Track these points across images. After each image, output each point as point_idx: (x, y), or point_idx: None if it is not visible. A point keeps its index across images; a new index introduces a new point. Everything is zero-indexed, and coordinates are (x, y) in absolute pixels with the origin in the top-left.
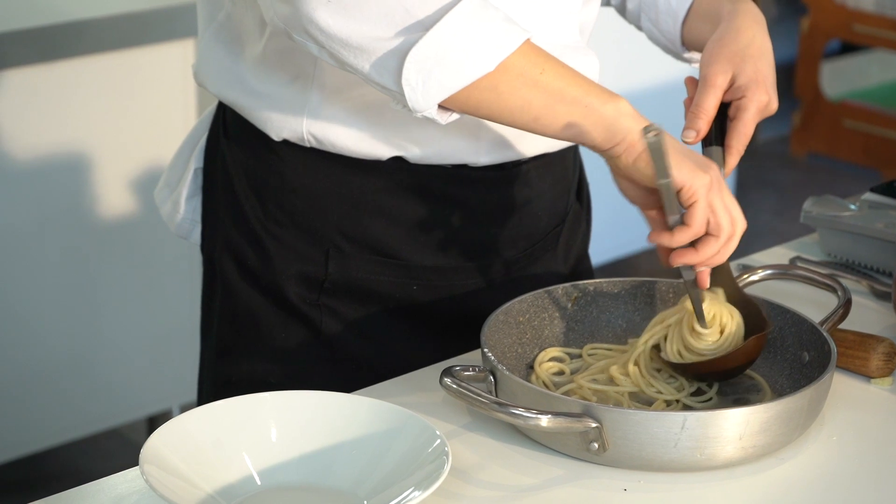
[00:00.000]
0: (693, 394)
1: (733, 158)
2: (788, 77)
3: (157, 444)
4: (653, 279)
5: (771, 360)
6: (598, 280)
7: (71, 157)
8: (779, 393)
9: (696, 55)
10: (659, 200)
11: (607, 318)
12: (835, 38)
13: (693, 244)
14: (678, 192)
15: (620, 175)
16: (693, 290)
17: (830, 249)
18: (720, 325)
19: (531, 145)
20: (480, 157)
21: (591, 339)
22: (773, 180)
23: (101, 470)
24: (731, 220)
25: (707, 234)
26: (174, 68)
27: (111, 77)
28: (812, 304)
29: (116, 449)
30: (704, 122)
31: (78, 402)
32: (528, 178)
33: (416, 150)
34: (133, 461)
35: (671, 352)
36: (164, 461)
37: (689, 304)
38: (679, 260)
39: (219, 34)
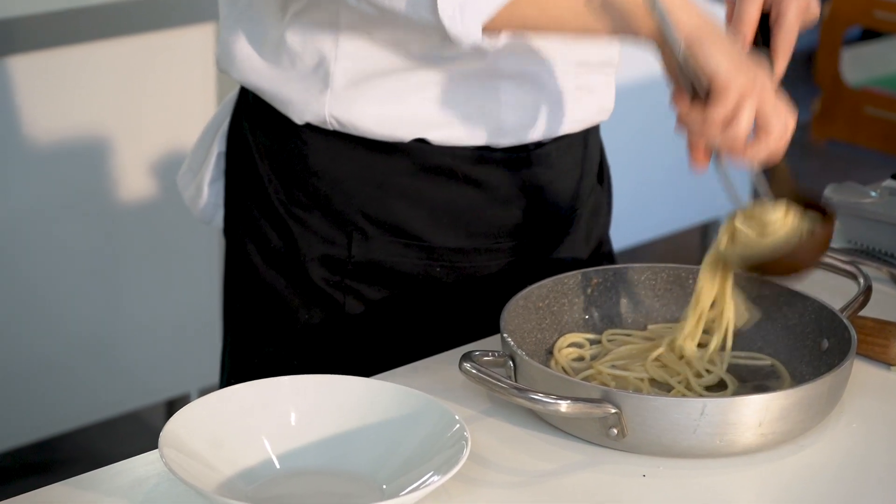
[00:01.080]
0: (714, 387)
1: (781, 61)
2: (809, 64)
3: (177, 427)
4: (674, 265)
5: (791, 346)
6: (618, 265)
7: (91, 141)
8: (798, 380)
9: None
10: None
11: (627, 303)
12: (855, 25)
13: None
14: (709, 84)
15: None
16: (756, 172)
17: (851, 236)
18: (784, 218)
19: (553, 126)
20: (502, 138)
21: (610, 325)
22: (792, 167)
23: (119, 453)
24: (783, 123)
25: (760, 130)
26: (194, 52)
27: (131, 61)
28: (832, 291)
29: (135, 432)
30: (749, 29)
31: (97, 385)
32: (550, 159)
33: (438, 132)
34: (151, 445)
35: (739, 250)
36: (183, 444)
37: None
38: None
39: (241, 20)
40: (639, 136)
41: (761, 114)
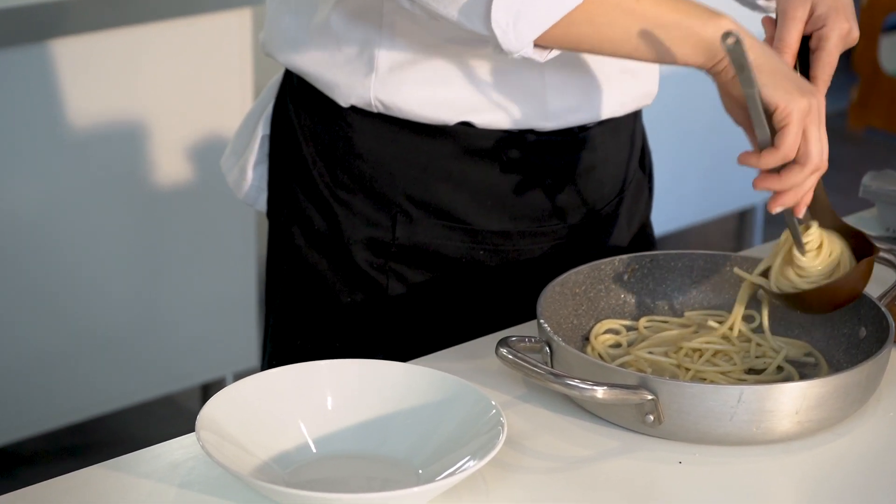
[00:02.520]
0: (751, 371)
1: (821, 88)
2: (847, 51)
3: (214, 410)
4: (711, 252)
5: (828, 334)
6: (655, 252)
7: (129, 124)
8: (836, 368)
9: (771, 3)
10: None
11: (664, 290)
12: (894, 13)
13: (778, 170)
14: (772, 113)
15: (724, 92)
16: (789, 217)
17: (889, 224)
18: (828, 252)
19: (597, 110)
20: (546, 121)
21: (647, 312)
22: (830, 155)
23: (154, 436)
24: (820, 151)
25: (794, 161)
26: (232, 37)
27: (169, 45)
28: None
29: (170, 416)
30: (790, 57)
31: (132, 368)
32: (594, 143)
33: (483, 115)
34: (186, 428)
35: (779, 283)
36: (220, 428)
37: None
38: (761, 184)
39: (286, 3)
40: (677, 122)
41: (804, 142)
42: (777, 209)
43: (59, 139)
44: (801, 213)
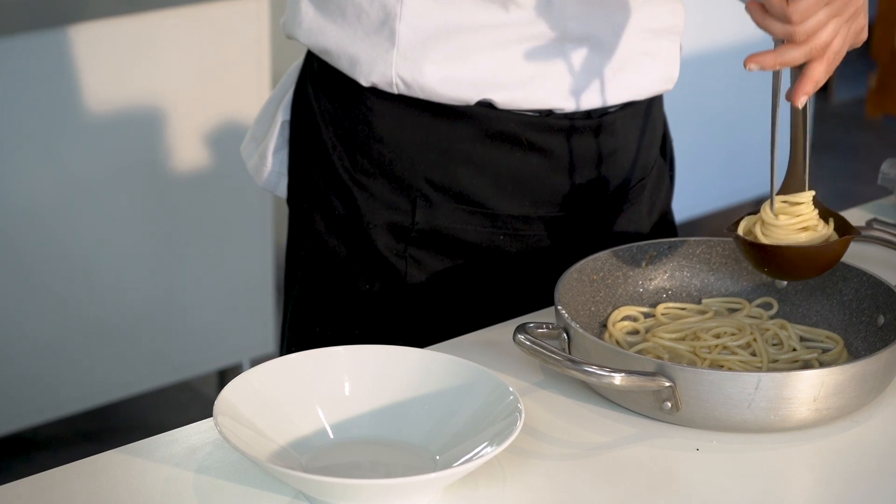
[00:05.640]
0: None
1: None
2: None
3: (232, 395)
4: (729, 239)
5: (846, 322)
6: (672, 239)
7: (147, 109)
8: (854, 355)
9: None
10: None
11: (682, 277)
12: None
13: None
14: None
15: None
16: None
17: None
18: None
19: (618, 92)
20: (567, 102)
21: (665, 299)
22: (848, 142)
23: (171, 421)
24: (825, 41)
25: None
26: (250, 23)
27: (187, 31)
28: (888, 267)
29: (187, 401)
30: None
31: (150, 354)
32: (615, 128)
33: (504, 94)
34: (203, 414)
35: (759, 232)
36: (237, 413)
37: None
38: (755, 58)
39: None
40: (696, 109)
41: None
42: (752, 66)
43: (76, 125)
44: (800, 102)
